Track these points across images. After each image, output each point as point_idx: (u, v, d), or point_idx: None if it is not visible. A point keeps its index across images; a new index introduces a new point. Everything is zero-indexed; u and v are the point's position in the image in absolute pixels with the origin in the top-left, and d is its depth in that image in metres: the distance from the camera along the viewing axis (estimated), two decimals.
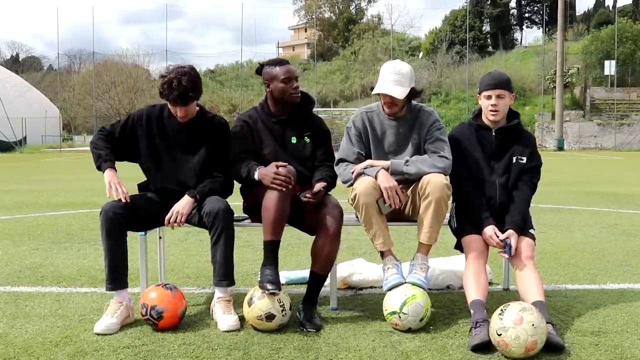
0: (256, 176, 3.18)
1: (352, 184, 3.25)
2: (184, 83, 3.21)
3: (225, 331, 3.03)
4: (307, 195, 3.19)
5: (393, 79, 3.28)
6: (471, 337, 2.82)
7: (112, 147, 3.38)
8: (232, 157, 3.40)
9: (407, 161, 3.25)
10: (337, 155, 3.44)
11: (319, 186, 3.24)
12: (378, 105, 3.44)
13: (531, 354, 2.63)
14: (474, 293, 3.05)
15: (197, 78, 3.30)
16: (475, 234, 3.28)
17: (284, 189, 3.05)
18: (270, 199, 3.07)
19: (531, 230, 3.33)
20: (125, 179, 3.34)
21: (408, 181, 3.26)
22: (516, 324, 2.63)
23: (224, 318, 3.10)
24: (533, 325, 2.62)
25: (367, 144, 3.40)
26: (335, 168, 3.39)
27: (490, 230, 3.23)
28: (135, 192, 3.52)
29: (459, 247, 3.43)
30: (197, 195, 3.30)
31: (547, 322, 2.80)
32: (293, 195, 3.33)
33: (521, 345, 2.61)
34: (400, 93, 3.27)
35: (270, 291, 3.01)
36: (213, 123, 3.48)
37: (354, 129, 3.41)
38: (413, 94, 3.34)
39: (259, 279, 3.09)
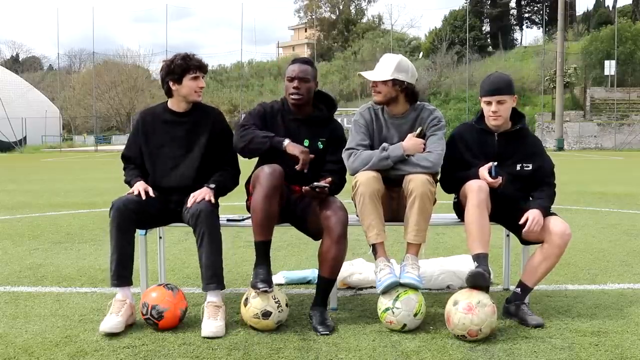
0: (285, 143, 3.20)
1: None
2: (196, 56, 3.36)
3: (205, 337, 2.93)
4: (312, 185, 3.12)
5: (378, 67, 3.34)
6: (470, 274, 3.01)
7: (138, 165, 3.46)
8: (240, 126, 3.36)
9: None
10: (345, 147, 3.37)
11: (325, 182, 3.20)
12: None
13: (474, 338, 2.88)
14: (476, 245, 3.09)
15: None
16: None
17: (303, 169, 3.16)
18: (256, 201, 3.06)
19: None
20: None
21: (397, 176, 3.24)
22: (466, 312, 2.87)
23: (206, 323, 3.00)
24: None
25: (371, 137, 3.37)
26: (344, 157, 3.33)
27: (483, 167, 3.23)
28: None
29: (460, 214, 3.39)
30: (213, 186, 3.31)
31: (523, 303, 3.19)
32: (295, 199, 3.32)
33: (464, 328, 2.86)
34: (374, 76, 3.30)
35: (262, 289, 3.01)
36: (210, 113, 3.48)
37: (362, 120, 3.40)
38: (410, 91, 3.31)
39: (252, 279, 3.09)
